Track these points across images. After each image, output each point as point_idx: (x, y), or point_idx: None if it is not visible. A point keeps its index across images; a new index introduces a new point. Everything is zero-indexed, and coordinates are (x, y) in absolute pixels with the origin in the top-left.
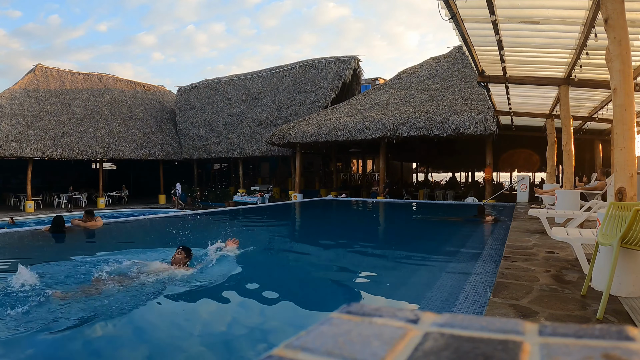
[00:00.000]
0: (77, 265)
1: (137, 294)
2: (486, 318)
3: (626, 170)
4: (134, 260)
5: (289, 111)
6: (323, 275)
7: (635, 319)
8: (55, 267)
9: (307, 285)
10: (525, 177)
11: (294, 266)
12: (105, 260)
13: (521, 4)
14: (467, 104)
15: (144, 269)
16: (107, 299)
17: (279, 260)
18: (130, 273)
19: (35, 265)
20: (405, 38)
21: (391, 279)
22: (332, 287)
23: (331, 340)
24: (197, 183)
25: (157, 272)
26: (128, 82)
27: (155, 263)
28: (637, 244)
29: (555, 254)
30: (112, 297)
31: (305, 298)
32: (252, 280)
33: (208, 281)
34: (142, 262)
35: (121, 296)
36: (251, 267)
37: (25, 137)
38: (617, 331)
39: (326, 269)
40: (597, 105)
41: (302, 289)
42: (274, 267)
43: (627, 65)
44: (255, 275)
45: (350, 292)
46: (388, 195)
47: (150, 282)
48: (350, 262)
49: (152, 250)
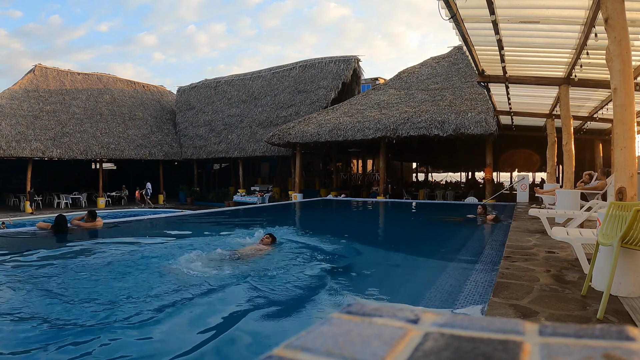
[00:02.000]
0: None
1: (252, 264)
2: (486, 318)
3: (626, 170)
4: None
5: (289, 111)
6: (323, 275)
7: (635, 319)
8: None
9: (306, 285)
10: (526, 177)
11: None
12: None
13: (521, 4)
14: (467, 104)
15: (243, 248)
16: (235, 269)
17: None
18: (236, 250)
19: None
20: (406, 38)
21: (391, 278)
22: (332, 287)
23: (331, 340)
24: (197, 183)
25: (255, 251)
26: (128, 82)
27: (252, 245)
28: (637, 244)
29: (555, 254)
30: (239, 267)
31: (304, 298)
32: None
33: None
34: (247, 242)
35: (244, 267)
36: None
37: (25, 137)
38: (617, 331)
39: (326, 269)
40: (597, 105)
41: (301, 289)
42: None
43: (627, 65)
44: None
45: (350, 292)
46: (389, 195)
47: (252, 258)
48: (350, 261)
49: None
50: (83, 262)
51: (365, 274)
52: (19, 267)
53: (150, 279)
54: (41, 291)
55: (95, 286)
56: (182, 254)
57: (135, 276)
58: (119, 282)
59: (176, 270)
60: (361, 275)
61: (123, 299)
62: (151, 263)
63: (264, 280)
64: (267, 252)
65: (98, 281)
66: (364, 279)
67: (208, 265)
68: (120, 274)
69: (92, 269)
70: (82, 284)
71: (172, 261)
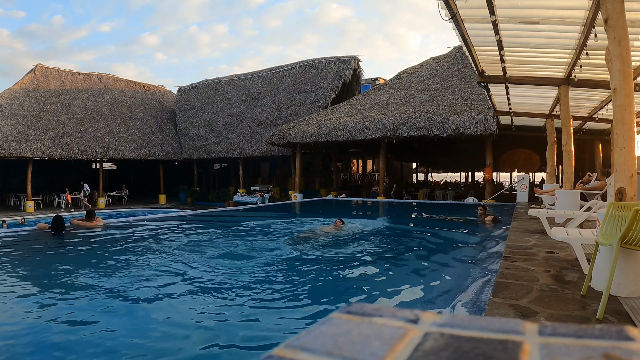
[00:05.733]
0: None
1: (329, 240)
2: (486, 318)
3: (626, 170)
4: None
5: (289, 111)
6: (322, 275)
7: (635, 319)
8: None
9: (306, 284)
10: (525, 177)
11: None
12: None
13: (521, 4)
14: (467, 104)
15: (321, 230)
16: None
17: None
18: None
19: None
20: (408, 39)
21: (391, 278)
22: (331, 287)
23: (331, 340)
24: (197, 183)
25: (329, 231)
26: (128, 82)
27: (325, 227)
28: (637, 244)
29: (555, 254)
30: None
31: (304, 297)
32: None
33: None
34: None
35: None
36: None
37: (25, 137)
38: (617, 331)
39: (326, 269)
40: (597, 105)
41: (301, 288)
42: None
43: (627, 66)
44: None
45: (350, 291)
46: (393, 195)
47: (329, 236)
48: (349, 261)
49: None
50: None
51: (365, 273)
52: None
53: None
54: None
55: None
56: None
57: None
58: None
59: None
60: (361, 275)
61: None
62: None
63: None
64: (342, 232)
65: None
66: (364, 278)
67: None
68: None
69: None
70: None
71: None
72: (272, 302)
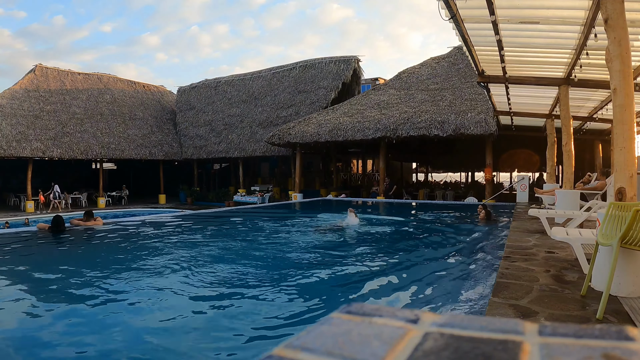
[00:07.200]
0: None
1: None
2: (486, 318)
3: (626, 170)
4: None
5: (289, 111)
6: (322, 275)
7: (635, 319)
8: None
9: (306, 284)
10: (525, 178)
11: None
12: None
13: (521, 4)
14: (467, 104)
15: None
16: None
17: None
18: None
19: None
20: (409, 39)
21: (391, 278)
22: (331, 287)
23: (331, 340)
24: (197, 183)
25: (342, 225)
26: (128, 82)
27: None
28: (637, 244)
29: (555, 254)
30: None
31: (304, 297)
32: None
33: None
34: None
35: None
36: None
37: (25, 137)
38: (617, 331)
39: (326, 268)
40: (597, 106)
41: (301, 288)
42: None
43: (627, 66)
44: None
45: (350, 291)
46: (392, 195)
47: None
48: (349, 261)
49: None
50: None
51: (365, 273)
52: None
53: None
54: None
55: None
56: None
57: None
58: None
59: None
60: (361, 275)
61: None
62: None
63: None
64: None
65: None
66: (364, 278)
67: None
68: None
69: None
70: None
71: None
72: (272, 302)
